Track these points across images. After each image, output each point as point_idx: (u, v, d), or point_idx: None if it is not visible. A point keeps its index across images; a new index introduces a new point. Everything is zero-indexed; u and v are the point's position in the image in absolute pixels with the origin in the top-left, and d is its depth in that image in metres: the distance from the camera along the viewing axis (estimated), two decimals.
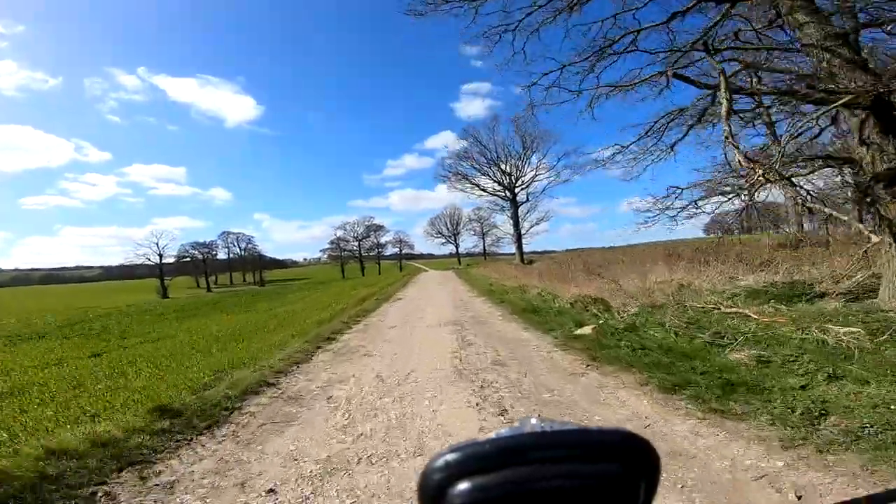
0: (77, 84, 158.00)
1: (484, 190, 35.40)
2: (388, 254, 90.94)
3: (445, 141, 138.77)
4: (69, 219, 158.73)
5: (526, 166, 34.73)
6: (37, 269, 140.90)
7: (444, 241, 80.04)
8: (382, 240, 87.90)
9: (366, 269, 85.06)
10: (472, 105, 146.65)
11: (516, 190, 35.02)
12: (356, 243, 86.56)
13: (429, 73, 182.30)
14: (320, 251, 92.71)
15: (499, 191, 35.22)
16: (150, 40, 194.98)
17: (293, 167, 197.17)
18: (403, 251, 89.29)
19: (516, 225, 35.78)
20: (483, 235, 79.17)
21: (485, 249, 79.96)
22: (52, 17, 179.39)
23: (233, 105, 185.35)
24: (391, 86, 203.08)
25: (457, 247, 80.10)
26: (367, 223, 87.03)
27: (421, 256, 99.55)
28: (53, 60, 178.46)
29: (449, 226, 78.59)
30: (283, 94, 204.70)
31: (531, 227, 36.42)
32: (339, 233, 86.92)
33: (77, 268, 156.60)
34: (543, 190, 35.52)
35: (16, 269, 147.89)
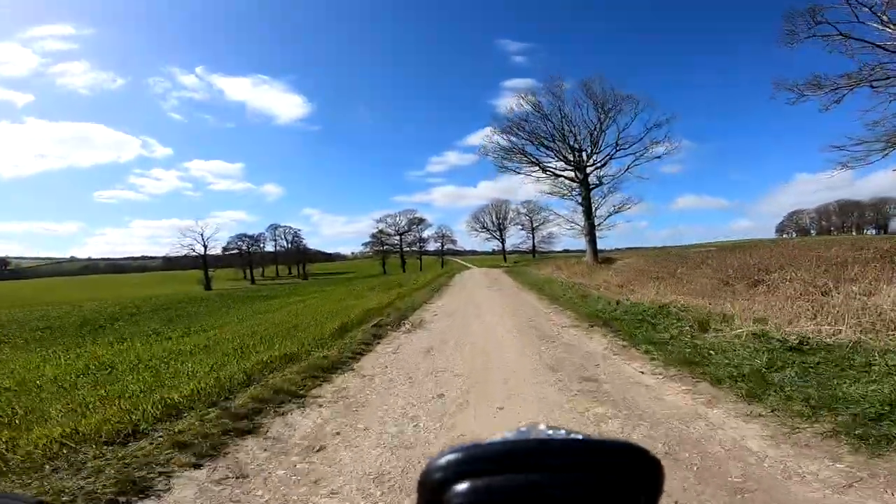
0: (142, 83, 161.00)
1: (545, 169, 26.87)
2: (429, 249, 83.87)
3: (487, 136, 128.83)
4: (138, 211, 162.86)
5: (601, 140, 26.00)
6: (107, 259, 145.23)
7: (488, 235, 71.60)
8: (424, 234, 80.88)
9: (407, 264, 78.34)
10: (514, 101, 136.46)
11: (588, 170, 26.45)
12: (397, 237, 79.93)
13: (469, 70, 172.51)
14: (362, 245, 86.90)
15: (565, 170, 26.62)
16: (205, 40, 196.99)
17: (341, 163, 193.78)
18: (445, 246, 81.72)
19: (588, 214, 25.21)
20: (533, 230, 70.13)
21: (534, 246, 70.79)
22: (118, 18, 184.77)
23: (283, 103, 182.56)
24: (432, 84, 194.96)
25: (503, 242, 71.51)
26: (409, 216, 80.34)
27: (463, 252, 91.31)
28: (120, 61, 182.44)
29: (494, 219, 70.04)
30: (330, 92, 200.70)
31: (609, 215, 25.97)
32: (381, 226, 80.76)
33: (143, 258, 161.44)
34: (628, 168, 25.37)
35: (88, 259, 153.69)
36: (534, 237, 70.21)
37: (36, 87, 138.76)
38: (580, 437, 0.29)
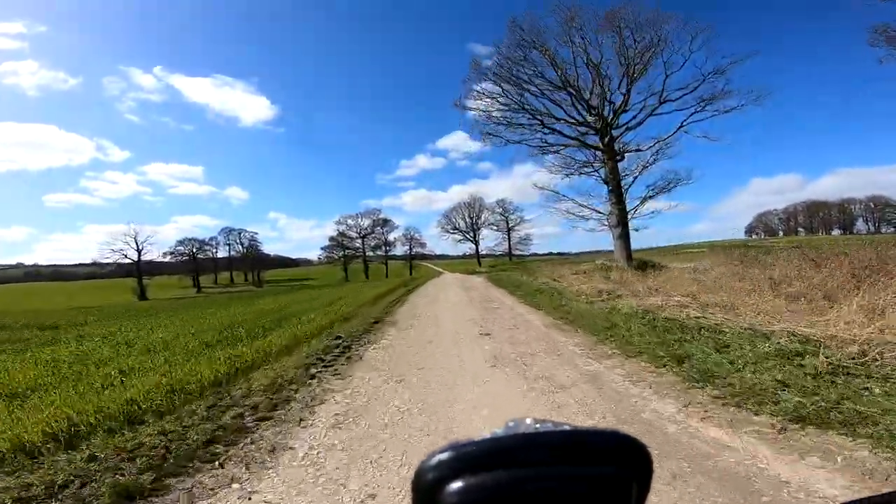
0: (96, 83, 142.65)
1: (547, 128, 17.47)
2: (397, 253, 73.57)
3: (457, 141, 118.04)
4: (91, 216, 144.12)
5: (633, 91, 16.61)
6: (53, 265, 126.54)
7: (460, 237, 62.05)
8: (391, 237, 70.46)
9: (370, 269, 67.88)
10: (484, 104, 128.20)
11: (613, 132, 16.59)
12: (360, 240, 69.23)
13: (439, 73, 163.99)
14: (321, 249, 75.65)
15: (579, 133, 17.60)
16: (164, 40, 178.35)
17: (308, 166, 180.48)
18: (414, 250, 71.53)
19: (617, 194, 16.32)
20: (508, 231, 61.23)
21: (510, 249, 61.91)
22: (70, 16, 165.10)
23: (247, 105, 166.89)
24: (402, 85, 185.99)
25: (476, 244, 62.00)
26: (372, 217, 69.81)
27: (433, 257, 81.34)
28: (72, 60, 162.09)
29: (468, 219, 60.52)
30: (297, 94, 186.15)
31: (648, 196, 16.91)
32: (342, 228, 69.84)
33: (94, 264, 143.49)
34: (681, 126, 16.18)
35: (35, 265, 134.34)
36: (510, 239, 61.49)
37: None
38: (567, 428, 0.28)
